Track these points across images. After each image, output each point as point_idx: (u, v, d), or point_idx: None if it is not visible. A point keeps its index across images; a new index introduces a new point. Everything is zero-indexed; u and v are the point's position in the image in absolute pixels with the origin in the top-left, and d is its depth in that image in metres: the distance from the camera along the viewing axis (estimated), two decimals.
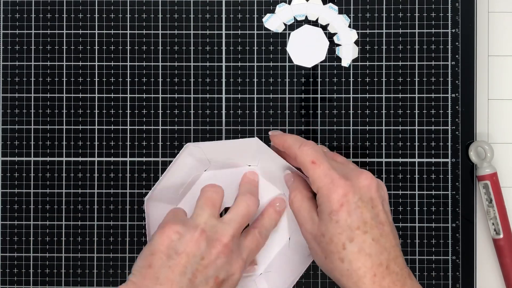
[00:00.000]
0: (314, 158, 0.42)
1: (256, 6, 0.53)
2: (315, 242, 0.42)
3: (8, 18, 0.53)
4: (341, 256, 0.40)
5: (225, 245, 0.42)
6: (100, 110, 0.53)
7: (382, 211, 0.41)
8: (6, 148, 0.53)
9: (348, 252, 0.40)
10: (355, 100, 0.53)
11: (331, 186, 0.41)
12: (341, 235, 0.40)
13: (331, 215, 0.40)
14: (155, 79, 0.53)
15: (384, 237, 0.41)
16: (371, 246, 0.40)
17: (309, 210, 0.43)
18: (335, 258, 0.40)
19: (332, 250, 0.40)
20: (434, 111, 0.53)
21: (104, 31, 0.53)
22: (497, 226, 0.52)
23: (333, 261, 0.41)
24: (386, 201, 0.43)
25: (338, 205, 0.40)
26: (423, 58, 0.53)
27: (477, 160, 0.52)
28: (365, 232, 0.40)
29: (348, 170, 0.43)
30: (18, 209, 0.53)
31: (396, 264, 0.40)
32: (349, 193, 0.41)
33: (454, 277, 0.52)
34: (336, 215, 0.40)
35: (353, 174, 0.42)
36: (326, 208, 0.41)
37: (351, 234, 0.40)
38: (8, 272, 0.53)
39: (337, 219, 0.40)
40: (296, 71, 0.53)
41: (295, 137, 0.45)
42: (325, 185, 0.41)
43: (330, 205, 0.41)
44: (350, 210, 0.40)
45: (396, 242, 0.42)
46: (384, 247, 0.40)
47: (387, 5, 0.53)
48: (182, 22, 0.53)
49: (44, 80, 0.53)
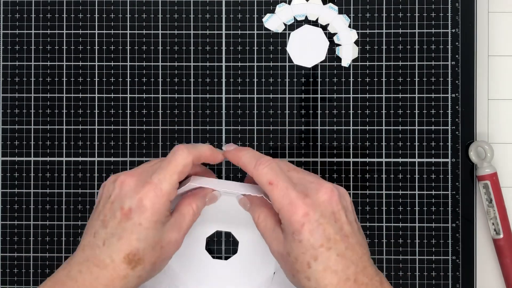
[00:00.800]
0: (271, 178, 0.41)
1: (256, 6, 0.53)
2: (283, 261, 0.42)
3: (8, 18, 0.53)
4: (307, 275, 0.40)
5: (130, 174, 0.42)
6: (100, 110, 0.53)
7: (346, 223, 0.41)
8: (6, 148, 0.53)
9: (313, 271, 0.39)
10: (355, 100, 0.53)
11: (290, 208, 0.40)
12: (305, 255, 0.40)
13: (293, 235, 0.40)
14: (155, 79, 0.53)
15: (350, 250, 0.40)
16: (336, 262, 0.39)
17: (273, 229, 0.42)
18: (302, 277, 0.40)
19: (298, 269, 0.40)
20: (434, 111, 0.53)
21: (104, 31, 0.53)
22: (497, 226, 0.52)
23: (300, 280, 0.40)
24: (349, 210, 0.42)
25: (299, 226, 0.40)
26: (423, 58, 0.53)
27: (477, 160, 0.52)
28: (329, 249, 0.40)
29: (307, 184, 0.42)
30: (18, 209, 0.53)
31: (364, 275, 0.40)
32: (310, 212, 0.40)
33: (454, 277, 0.52)
34: (298, 235, 0.40)
35: (312, 189, 0.41)
36: (288, 229, 0.40)
37: (314, 252, 0.39)
38: (8, 272, 0.53)
39: (299, 239, 0.40)
40: (296, 71, 0.53)
41: (251, 154, 0.44)
42: (284, 207, 0.40)
43: (291, 226, 0.40)
44: (312, 229, 0.40)
45: (363, 252, 0.41)
46: (351, 260, 0.40)
47: (387, 5, 0.53)
48: (182, 22, 0.53)
49: (44, 80, 0.53)
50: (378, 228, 0.52)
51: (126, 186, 0.42)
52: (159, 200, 0.41)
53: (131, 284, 0.41)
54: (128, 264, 0.41)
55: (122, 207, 0.41)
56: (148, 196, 0.41)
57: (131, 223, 0.41)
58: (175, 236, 0.43)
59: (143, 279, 0.42)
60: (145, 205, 0.41)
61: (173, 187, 0.42)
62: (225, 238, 0.52)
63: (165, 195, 0.42)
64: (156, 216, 0.41)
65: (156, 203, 0.41)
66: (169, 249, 0.43)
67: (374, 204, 0.52)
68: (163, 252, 0.42)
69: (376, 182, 0.53)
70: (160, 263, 0.43)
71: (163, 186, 0.42)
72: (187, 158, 0.43)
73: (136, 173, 0.43)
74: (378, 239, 0.52)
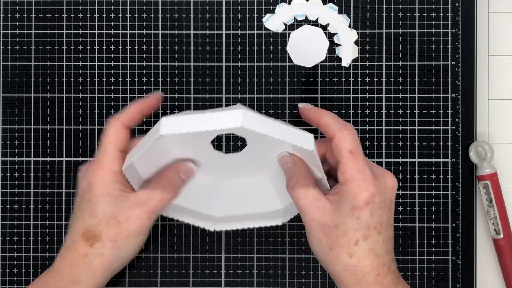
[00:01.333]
0: (353, 148, 0.41)
1: (256, 6, 0.53)
2: (322, 232, 0.41)
3: (8, 18, 0.53)
4: (351, 251, 0.40)
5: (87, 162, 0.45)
6: (100, 110, 0.53)
7: (393, 215, 0.43)
8: (6, 148, 0.53)
9: (359, 249, 0.40)
10: (355, 100, 0.53)
11: (362, 183, 0.40)
12: (357, 232, 0.40)
13: (353, 210, 0.40)
14: (155, 79, 0.53)
15: (390, 240, 0.42)
16: (381, 247, 0.41)
17: (317, 198, 0.41)
18: (343, 252, 0.40)
19: (343, 243, 0.40)
20: (434, 111, 0.53)
21: (104, 31, 0.53)
22: (497, 226, 0.52)
23: (339, 254, 0.40)
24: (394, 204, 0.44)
25: (364, 203, 0.40)
26: (423, 58, 0.53)
27: (477, 160, 0.52)
28: (379, 233, 0.41)
29: (374, 168, 0.42)
30: (18, 209, 0.53)
31: (393, 264, 0.42)
32: (376, 194, 0.40)
33: (454, 277, 0.52)
34: (359, 211, 0.40)
35: (379, 174, 0.42)
36: (348, 202, 0.40)
37: (367, 232, 0.40)
38: (8, 272, 0.53)
39: (358, 216, 0.40)
40: (296, 71, 0.53)
41: (334, 116, 0.43)
42: (356, 180, 0.40)
43: (355, 201, 0.40)
44: (373, 210, 0.40)
45: (393, 245, 0.43)
46: (389, 249, 0.42)
47: (387, 5, 0.53)
48: (182, 22, 0.53)
49: (44, 80, 0.53)
50: None
51: (80, 173, 0.45)
52: (100, 173, 0.43)
53: (95, 264, 0.42)
54: (86, 241, 0.42)
55: (79, 193, 0.44)
56: (91, 172, 0.43)
57: (84, 202, 0.43)
58: (137, 212, 0.42)
59: (108, 258, 0.42)
60: (90, 181, 0.43)
61: (111, 157, 0.43)
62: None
63: (105, 167, 0.43)
64: (102, 189, 0.42)
65: (98, 176, 0.43)
66: (129, 225, 0.42)
67: None
68: (122, 229, 0.42)
69: None
70: (123, 240, 0.42)
71: (101, 160, 0.43)
72: (115, 125, 0.44)
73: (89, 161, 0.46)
74: None
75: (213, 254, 0.52)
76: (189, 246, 0.52)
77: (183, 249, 0.52)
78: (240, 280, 0.52)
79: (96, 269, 0.42)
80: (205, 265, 0.53)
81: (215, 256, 0.53)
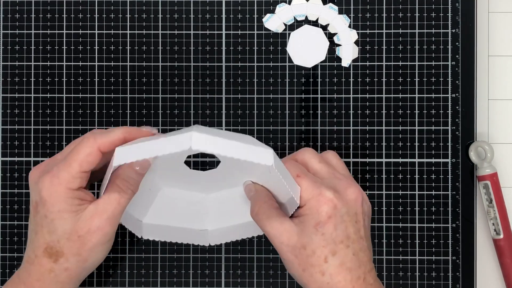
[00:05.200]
0: (298, 172, 0.42)
1: (256, 6, 0.53)
2: (292, 254, 0.41)
3: (8, 18, 0.53)
4: (322, 269, 0.40)
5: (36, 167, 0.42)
6: (100, 110, 0.53)
7: (363, 226, 0.42)
8: (6, 148, 0.53)
9: (330, 266, 0.40)
10: (355, 100, 0.53)
11: (321, 198, 0.41)
12: (325, 248, 0.40)
13: (317, 227, 0.40)
14: (155, 79, 0.53)
15: (363, 252, 0.41)
16: (351, 260, 0.40)
17: (281, 222, 0.41)
18: (316, 271, 0.40)
19: (313, 263, 0.40)
20: (434, 111, 0.53)
21: (104, 31, 0.53)
22: (497, 226, 0.52)
23: (312, 274, 0.40)
24: (368, 216, 0.43)
25: (326, 217, 0.40)
26: (423, 58, 0.53)
27: (477, 160, 0.52)
28: (347, 247, 0.41)
29: (335, 180, 0.42)
30: (18, 209, 0.53)
31: (370, 276, 0.41)
32: (338, 206, 0.41)
33: (454, 277, 0.52)
34: (322, 227, 0.40)
35: (341, 186, 0.42)
36: (311, 220, 0.40)
37: (334, 247, 0.40)
38: (8, 272, 0.53)
39: (323, 232, 0.40)
40: (296, 71, 0.53)
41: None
42: (314, 197, 0.41)
43: (317, 217, 0.40)
44: (336, 224, 0.40)
45: (370, 256, 0.42)
46: (362, 261, 0.41)
47: (387, 5, 0.53)
48: (182, 22, 0.53)
49: (44, 80, 0.53)
50: (378, 228, 0.52)
51: (31, 180, 0.42)
52: (56, 189, 0.40)
53: (62, 278, 0.41)
54: (49, 258, 0.41)
55: (32, 201, 0.42)
56: (45, 187, 0.40)
57: (40, 217, 0.41)
58: (97, 223, 0.40)
59: (74, 271, 0.42)
60: (43, 197, 0.40)
61: (72, 175, 0.40)
62: None
63: (62, 183, 0.40)
64: (57, 206, 0.40)
65: (53, 193, 0.40)
66: (91, 237, 0.40)
67: (374, 204, 0.52)
68: (84, 242, 0.41)
69: (376, 182, 0.53)
70: (87, 253, 0.41)
71: (60, 174, 0.40)
72: (91, 147, 0.41)
73: (43, 164, 0.43)
74: (378, 239, 0.52)
75: (213, 254, 0.52)
76: (189, 246, 0.52)
77: (183, 249, 0.52)
78: (240, 280, 0.52)
79: (63, 282, 0.42)
80: (205, 265, 0.53)
81: (215, 256, 0.53)
